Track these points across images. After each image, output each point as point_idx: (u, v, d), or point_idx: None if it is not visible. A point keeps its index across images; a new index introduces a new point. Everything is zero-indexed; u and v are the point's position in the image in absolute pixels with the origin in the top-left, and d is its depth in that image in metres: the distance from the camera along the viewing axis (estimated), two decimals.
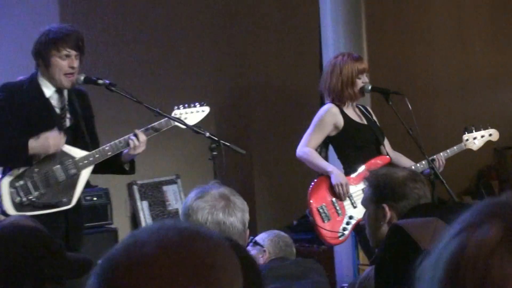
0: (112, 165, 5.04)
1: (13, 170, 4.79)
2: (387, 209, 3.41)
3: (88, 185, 6.52)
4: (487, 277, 0.95)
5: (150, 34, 8.89)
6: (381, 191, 3.48)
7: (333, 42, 8.29)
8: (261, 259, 4.50)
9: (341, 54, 6.12)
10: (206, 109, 5.24)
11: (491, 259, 0.95)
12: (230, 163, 6.05)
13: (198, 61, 9.08)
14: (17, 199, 4.68)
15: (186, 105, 5.16)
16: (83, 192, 5.70)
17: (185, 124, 4.97)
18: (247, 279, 1.34)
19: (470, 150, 5.94)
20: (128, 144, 4.85)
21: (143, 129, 4.91)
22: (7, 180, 4.79)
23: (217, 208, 3.21)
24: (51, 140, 4.72)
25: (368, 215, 3.59)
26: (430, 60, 10.96)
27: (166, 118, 4.98)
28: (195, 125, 5.03)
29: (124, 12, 8.85)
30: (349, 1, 8.36)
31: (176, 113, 5.10)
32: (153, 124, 4.96)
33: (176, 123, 4.99)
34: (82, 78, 4.88)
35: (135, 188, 8.10)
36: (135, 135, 4.83)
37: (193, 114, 5.15)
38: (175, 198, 8.05)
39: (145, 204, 8.51)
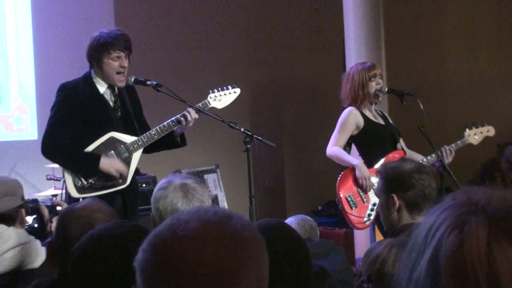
0: (165, 142, 4.97)
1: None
2: (395, 198, 3.41)
3: (138, 172, 6.56)
4: (496, 267, 0.93)
5: (192, 39, 8.95)
6: (390, 183, 3.48)
7: (355, 49, 8.28)
8: None
9: (355, 64, 6.15)
10: (238, 91, 5.16)
11: (490, 250, 0.94)
12: (263, 155, 6.07)
13: (236, 66, 9.13)
14: (79, 183, 4.67)
15: (220, 88, 5.09)
16: (138, 177, 5.71)
17: (223, 120, 4.89)
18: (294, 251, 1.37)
19: (473, 145, 5.94)
20: (171, 127, 4.83)
21: (194, 107, 4.86)
22: (68, 173, 4.80)
23: (177, 197, 3.18)
24: (113, 170, 4.73)
25: (381, 204, 3.59)
26: (442, 66, 10.89)
27: (199, 105, 4.94)
28: (231, 122, 4.92)
29: (169, 19, 8.92)
30: (369, 14, 8.34)
31: (211, 96, 5.04)
32: (196, 106, 4.90)
33: (215, 117, 4.95)
34: (132, 79, 4.87)
35: None
36: (188, 112, 4.79)
37: (226, 96, 5.09)
38: (215, 186, 8.06)
39: None
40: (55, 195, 6.63)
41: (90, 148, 4.75)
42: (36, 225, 3.84)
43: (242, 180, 5.31)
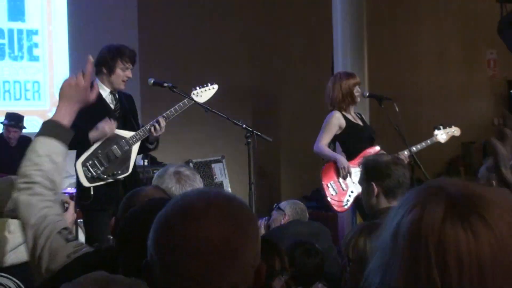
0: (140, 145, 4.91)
1: (82, 154, 4.75)
2: (374, 186, 3.42)
3: (156, 162, 6.58)
4: (444, 240, 0.92)
5: (203, 46, 8.96)
6: (370, 172, 3.47)
7: (341, 60, 8.30)
8: (282, 220, 4.54)
9: (338, 73, 6.14)
10: (216, 86, 5.08)
11: (443, 226, 0.93)
12: (262, 148, 6.08)
13: (241, 73, 9.15)
14: (89, 174, 4.66)
15: (200, 86, 5.04)
16: (152, 167, 5.71)
17: (228, 118, 4.87)
18: None
19: (441, 143, 5.96)
20: (159, 123, 4.79)
21: (165, 113, 4.84)
22: (79, 162, 4.76)
23: (171, 183, 3.15)
24: (106, 127, 4.69)
25: (362, 190, 3.58)
26: (416, 76, 10.93)
27: (178, 106, 4.89)
28: (235, 119, 4.91)
29: (182, 27, 8.94)
30: (355, 31, 8.34)
31: (194, 92, 4.98)
32: (166, 113, 4.86)
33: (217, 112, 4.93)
34: (151, 81, 4.87)
35: (191, 165, 8.11)
36: (157, 121, 4.78)
37: (206, 92, 5.02)
38: (220, 173, 8.03)
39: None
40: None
41: (96, 144, 4.73)
42: None
43: (243, 169, 5.31)
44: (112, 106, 4.92)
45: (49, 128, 2.39)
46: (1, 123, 7.26)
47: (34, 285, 2.99)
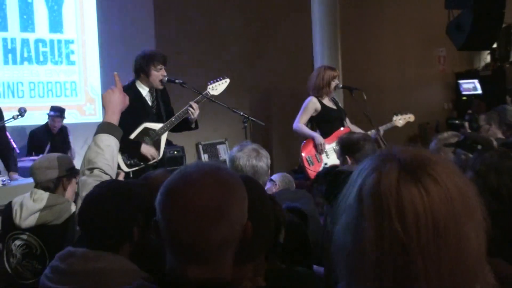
0: (184, 126, 4.90)
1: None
2: (348, 158, 3.46)
3: (171, 144, 6.57)
4: (402, 198, 0.91)
5: (211, 49, 8.95)
6: (344, 147, 3.49)
7: (320, 59, 8.31)
8: (274, 189, 4.54)
9: (323, 66, 6.12)
10: (228, 80, 5.00)
11: (399, 186, 0.92)
12: (258, 131, 6.10)
13: (242, 70, 9.13)
14: (128, 162, 4.64)
15: (214, 80, 4.97)
16: (169, 148, 5.68)
17: (229, 107, 4.86)
18: (254, 193, 1.36)
19: (398, 127, 5.95)
20: (182, 115, 4.76)
21: (195, 100, 4.81)
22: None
23: (251, 157, 3.15)
24: (149, 155, 4.70)
25: (340, 162, 3.61)
26: (380, 71, 10.93)
27: (199, 98, 4.87)
28: (235, 108, 4.89)
29: (191, 36, 8.92)
30: (330, 34, 8.34)
31: (210, 87, 4.92)
32: (196, 99, 4.84)
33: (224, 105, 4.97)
34: (165, 79, 4.80)
35: (200, 146, 8.13)
36: (191, 106, 4.76)
37: (220, 85, 4.95)
38: (224, 153, 8.06)
39: (206, 156, 8.57)
40: None
41: (132, 136, 4.71)
42: None
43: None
44: (150, 103, 4.89)
45: (105, 127, 2.56)
46: (48, 114, 7.30)
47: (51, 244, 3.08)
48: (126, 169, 4.66)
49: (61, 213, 3.25)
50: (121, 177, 3.33)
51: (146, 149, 4.72)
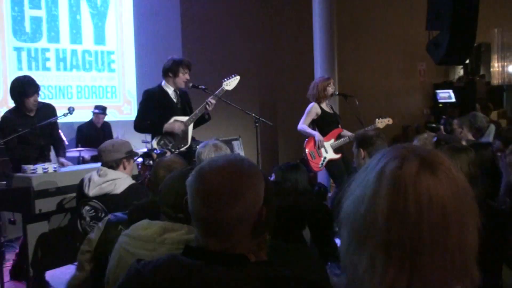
0: (201, 121, 4.91)
1: (155, 136, 4.78)
2: (362, 151, 3.40)
3: (194, 140, 6.58)
4: (419, 185, 0.89)
5: (221, 70, 8.94)
6: (360, 142, 3.40)
7: (320, 68, 8.29)
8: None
9: (319, 77, 6.11)
10: (238, 77, 4.93)
11: (418, 175, 0.91)
12: (267, 129, 6.10)
13: (253, 74, 9.13)
14: (165, 148, 4.61)
15: (228, 77, 4.92)
16: (195, 142, 5.64)
17: (242, 110, 4.86)
18: (268, 184, 1.32)
19: (380, 128, 5.88)
20: (203, 109, 4.75)
21: (213, 95, 4.79)
22: (155, 141, 4.78)
23: (211, 151, 3.21)
24: (176, 127, 4.72)
25: (355, 155, 3.51)
26: (369, 80, 10.86)
27: (217, 92, 4.82)
28: (248, 110, 4.89)
29: (213, 47, 8.91)
30: (328, 46, 8.32)
31: (225, 83, 4.87)
32: (212, 97, 4.80)
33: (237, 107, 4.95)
34: (190, 85, 4.82)
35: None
36: (210, 101, 4.74)
37: (232, 81, 4.91)
38: (238, 148, 8.00)
39: None
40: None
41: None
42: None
43: (253, 144, 5.33)
44: (175, 100, 4.90)
45: None
46: (92, 112, 7.39)
47: (112, 209, 3.13)
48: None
49: (119, 185, 3.35)
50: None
51: (168, 126, 4.73)
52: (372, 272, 0.89)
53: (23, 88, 4.65)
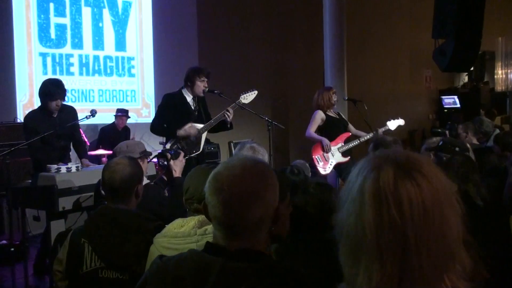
0: (221, 127, 4.85)
1: (170, 140, 4.76)
2: None
3: (209, 142, 6.56)
4: (398, 192, 0.89)
5: (236, 76, 8.94)
6: (377, 146, 3.38)
7: (330, 75, 8.27)
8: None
9: (322, 87, 6.07)
10: (256, 92, 4.94)
11: (395, 182, 0.90)
12: (279, 132, 6.08)
13: (265, 82, 9.13)
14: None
15: (246, 91, 4.91)
16: (208, 145, 5.65)
17: (257, 113, 4.84)
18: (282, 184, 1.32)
19: (391, 130, 5.84)
20: (219, 118, 4.72)
21: (231, 106, 4.74)
22: (169, 145, 4.74)
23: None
24: (192, 132, 4.71)
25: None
26: (377, 85, 10.82)
27: (233, 105, 4.77)
28: (261, 114, 4.87)
29: (229, 56, 8.92)
30: (338, 54, 8.29)
31: (242, 97, 4.84)
32: (231, 106, 4.77)
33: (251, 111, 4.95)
34: (206, 90, 4.79)
35: (232, 144, 8.11)
36: (227, 111, 4.71)
37: (250, 96, 4.88)
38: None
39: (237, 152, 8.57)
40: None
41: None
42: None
43: (265, 146, 5.30)
44: (192, 107, 4.86)
45: None
46: (115, 115, 7.38)
47: None
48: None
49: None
50: (181, 157, 3.48)
51: (181, 131, 4.71)
52: (369, 281, 0.89)
53: (51, 90, 4.64)
